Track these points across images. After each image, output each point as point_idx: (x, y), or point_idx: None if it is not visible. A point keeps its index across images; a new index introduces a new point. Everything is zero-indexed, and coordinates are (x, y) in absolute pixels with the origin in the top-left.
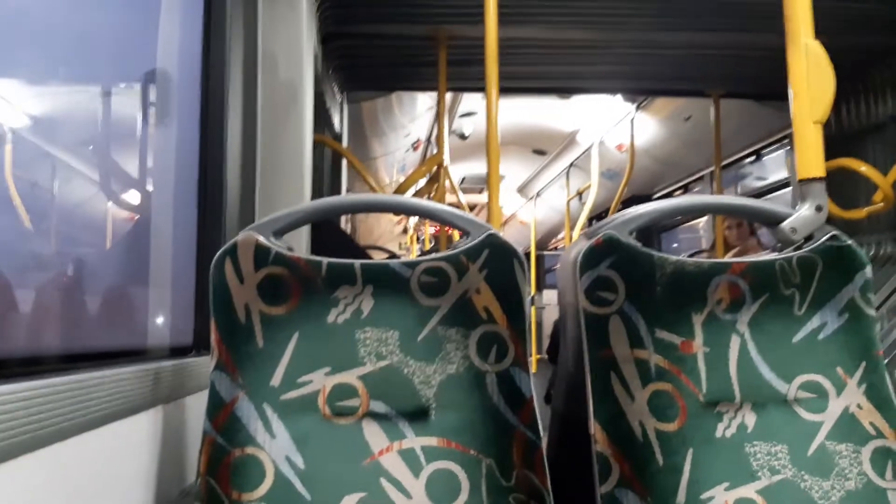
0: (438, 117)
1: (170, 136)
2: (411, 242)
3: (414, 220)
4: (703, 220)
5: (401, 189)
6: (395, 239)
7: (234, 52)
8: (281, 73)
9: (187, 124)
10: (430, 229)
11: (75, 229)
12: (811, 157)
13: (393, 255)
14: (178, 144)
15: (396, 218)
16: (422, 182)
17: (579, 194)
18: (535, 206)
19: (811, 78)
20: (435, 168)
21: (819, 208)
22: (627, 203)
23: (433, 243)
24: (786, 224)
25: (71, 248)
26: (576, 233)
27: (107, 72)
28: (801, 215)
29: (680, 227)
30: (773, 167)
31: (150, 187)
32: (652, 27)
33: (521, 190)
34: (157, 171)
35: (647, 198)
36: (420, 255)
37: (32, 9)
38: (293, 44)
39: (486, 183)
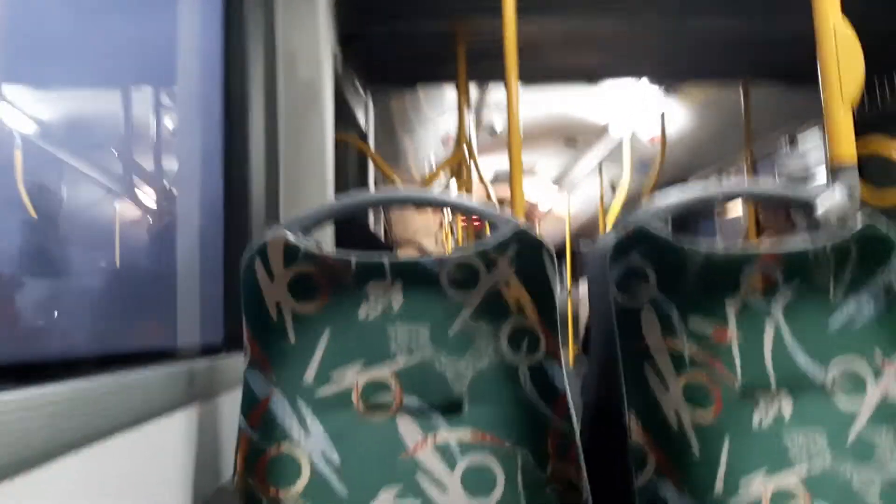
0: (460, 112)
1: (194, 136)
2: (446, 238)
3: (449, 215)
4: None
5: (425, 184)
6: (431, 235)
7: (254, 53)
8: (301, 72)
9: (210, 125)
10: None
11: (99, 231)
12: (842, 140)
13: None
14: (202, 145)
15: (432, 214)
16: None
17: (612, 186)
18: (570, 199)
19: (841, 60)
20: (460, 162)
21: (851, 192)
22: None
23: (466, 239)
24: (818, 208)
25: (97, 251)
26: (609, 225)
27: (130, 75)
28: (834, 199)
29: (718, 215)
30: (811, 152)
31: (176, 188)
32: (677, 13)
33: (556, 183)
34: (183, 170)
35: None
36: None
37: (55, 16)
38: (312, 43)
39: (510, 175)
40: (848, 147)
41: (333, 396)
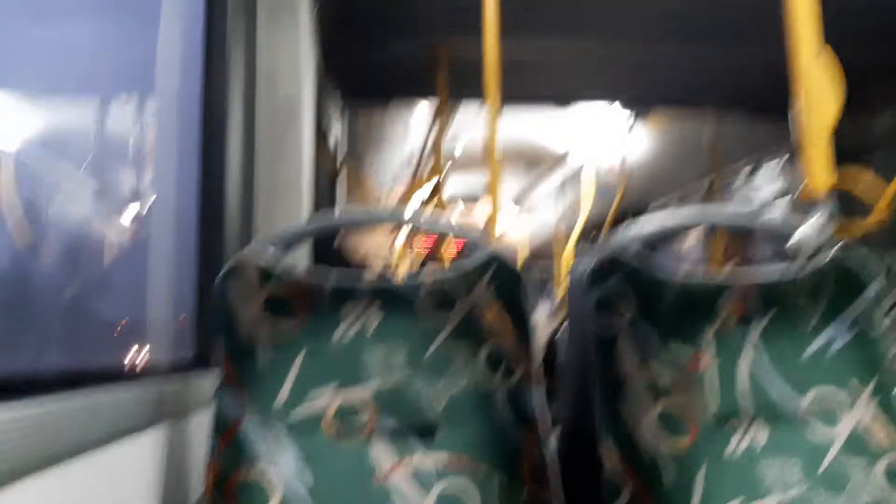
0: (439, 132)
1: (170, 152)
2: (399, 260)
3: (403, 237)
4: (693, 236)
5: (398, 204)
6: (382, 258)
7: (235, 70)
8: (281, 89)
9: (188, 140)
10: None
11: (75, 246)
12: (819, 168)
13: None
14: (178, 160)
15: (385, 235)
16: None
17: (572, 211)
18: (526, 223)
19: (820, 89)
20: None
21: (828, 220)
22: (621, 219)
23: (424, 262)
24: (795, 237)
25: (72, 266)
26: (567, 250)
27: (108, 89)
28: (811, 228)
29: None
30: (765, 183)
31: (150, 203)
32: (649, 40)
33: (512, 206)
34: (158, 185)
35: (640, 214)
36: (411, 273)
37: (38, 31)
38: (293, 61)
39: (490, 197)
40: (826, 176)
41: (306, 419)
